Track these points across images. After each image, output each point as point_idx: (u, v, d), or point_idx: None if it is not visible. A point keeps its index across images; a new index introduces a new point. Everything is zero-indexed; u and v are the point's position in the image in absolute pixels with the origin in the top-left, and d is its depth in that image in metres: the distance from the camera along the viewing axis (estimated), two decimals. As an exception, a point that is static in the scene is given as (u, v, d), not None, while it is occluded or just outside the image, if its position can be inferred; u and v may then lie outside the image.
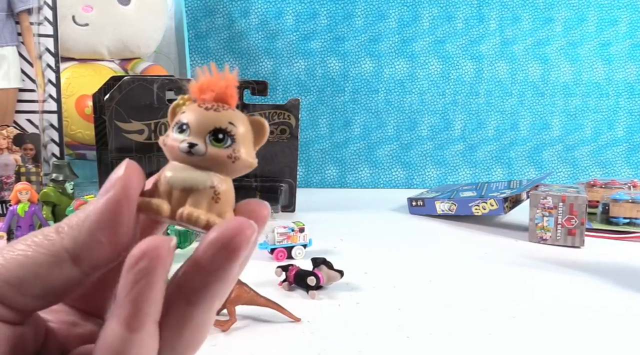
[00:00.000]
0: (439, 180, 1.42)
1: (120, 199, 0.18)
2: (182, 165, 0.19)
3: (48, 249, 0.17)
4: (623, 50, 1.41)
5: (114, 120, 0.84)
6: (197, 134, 0.19)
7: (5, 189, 0.81)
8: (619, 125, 1.44)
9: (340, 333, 0.48)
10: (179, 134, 0.19)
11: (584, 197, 0.80)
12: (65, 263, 0.17)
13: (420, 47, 1.40)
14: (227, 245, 0.17)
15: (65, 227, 0.18)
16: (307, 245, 0.71)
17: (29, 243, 0.18)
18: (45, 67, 0.89)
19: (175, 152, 0.19)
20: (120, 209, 0.18)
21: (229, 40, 1.36)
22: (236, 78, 0.20)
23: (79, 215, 0.18)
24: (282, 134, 0.98)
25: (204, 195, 0.19)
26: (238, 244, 0.17)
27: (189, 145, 0.19)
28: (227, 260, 0.17)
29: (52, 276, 0.17)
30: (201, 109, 0.19)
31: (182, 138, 0.19)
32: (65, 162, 0.72)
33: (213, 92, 0.19)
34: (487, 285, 0.62)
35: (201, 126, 0.19)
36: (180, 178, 0.19)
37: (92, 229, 0.18)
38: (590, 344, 0.47)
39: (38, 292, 0.17)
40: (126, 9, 1.08)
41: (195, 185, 0.19)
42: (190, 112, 0.19)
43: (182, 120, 0.19)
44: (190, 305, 0.18)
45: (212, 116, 0.19)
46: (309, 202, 1.11)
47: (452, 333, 0.48)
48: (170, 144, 0.19)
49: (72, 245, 0.17)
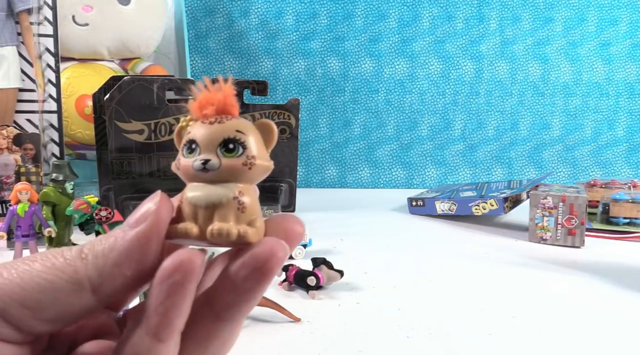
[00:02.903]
0: (439, 180, 1.42)
1: (151, 234, 0.18)
2: (201, 184, 0.19)
3: (70, 276, 0.17)
4: (623, 50, 1.41)
5: (114, 120, 0.84)
6: (208, 149, 0.19)
7: (5, 189, 0.81)
8: (619, 125, 1.44)
9: (340, 333, 0.48)
10: (189, 154, 0.19)
11: (584, 197, 0.80)
12: (85, 292, 0.17)
13: (420, 47, 1.40)
14: (260, 267, 0.18)
15: (89, 255, 0.17)
16: (307, 245, 0.71)
17: (48, 266, 0.17)
18: (45, 67, 0.89)
19: (190, 173, 0.19)
20: (150, 244, 0.17)
21: (229, 40, 1.36)
22: (232, 87, 0.19)
23: (104, 244, 0.18)
24: (282, 134, 0.98)
25: (229, 208, 0.19)
26: (271, 267, 0.18)
27: (203, 162, 0.19)
28: (259, 282, 0.18)
29: (69, 303, 0.17)
30: (205, 124, 0.19)
31: (194, 157, 0.19)
32: (65, 162, 0.72)
33: (213, 105, 0.19)
34: (487, 285, 0.62)
35: (210, 140, 0.19)
36: (202, 196, 0.19)
37: (119, 262, 0.17)
38: (590, 344, 0.47)
39: (51, 317, 0.17)
40: (126, 9, 1.08)
41: (218, 200, 0.19)
42: (195, 130, 0.19)
43: (189, 139, 0.19)
44: (219, 320, 0.18)
45: (218, 128, 0.19)
46: (309, 202, 1.11)
47: (452, 333, 0.48)
48: (183, 166, 0.19)
49: (95, 275, 0.17)
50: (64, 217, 0.68)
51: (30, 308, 0.16)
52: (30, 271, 0.17)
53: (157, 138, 0.87)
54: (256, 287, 0.18)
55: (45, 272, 0.17)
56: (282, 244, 0.18)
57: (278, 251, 0.18)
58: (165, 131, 0.87)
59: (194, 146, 0.19)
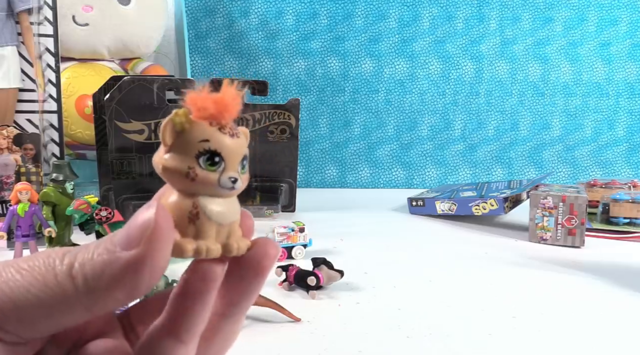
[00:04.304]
0: (439, 180, 1.42)
1: (147, 261, 0.16)
2: (219, 199, 0.18)
3: (60, 296, 0.16)
4: (623, 50, 1.41)
5: (114, 120, 0.84)
6: (233, 167, 0.18)
7: (5, 189, 0.81)
8: (619, 125, 1.44)
9: (340, 333, 0.48)
10: (210, 167, 0.17)
11: (584, 197, 0.80)
12: (77, 310, 0.16)
13: (420, 47, 1.40)
14: (256, 267, 0.19)
15: (79, 275, 0.16)
16: (307, 245, 0.71)
17: (39, 279, 0.16)
18: (45, 67, 0.89)
19: (213, 188, 0.18)
20: (144, 271, 0.16)
21: (229, 40, 1.36)
22: (240, 93, 0.18)
23: (94, 263, 0.16)
24: (282, 134, 0.98)
25: (237, 223, 0.19)
26: (266, 265, 0.19)
27: (233, 180, 0.18)
28: (256, 280, 0.19)
29: (63, 318, 0.17)
30: (226, 135, 0.18)
31: (218, 172, 0.18)
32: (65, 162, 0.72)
33: (231, 114, 0.18)
34: (487, 285, 0.62)
35: (235, 157, 0.18)
36: (227, 214, 0.18)
37: (110, 288, 0.16)
38: (590, 343, 0.47)
39: (46, 329, 0.17)
40: (126, 9, 1.08)
41: (236, 216, 0.19)
42: (219, 141, 0.18)
43: (213, 150, 0.18)
44: (221, 317, 0.20)
45: (240, 144, 0.18)
46: (309, 202, 1.11)
47: (452, 333, 0.48)
48: (204, 179, 0.17)
49: (85, 298, 0.16)
50: (64, 217, 0.68)
51: (23, 321, 0.16)
52: (21, 285, 0.16)
53: (157, 138, 0.87)
54: (253, 286, 0.19)
55: (37, 288, 0.16)
56: (275, 244, 0.19)
57: (270, 251, 0.19)
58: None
59: (217, 159, 0.18)
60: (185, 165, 0.17)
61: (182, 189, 0.18)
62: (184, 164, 0.17)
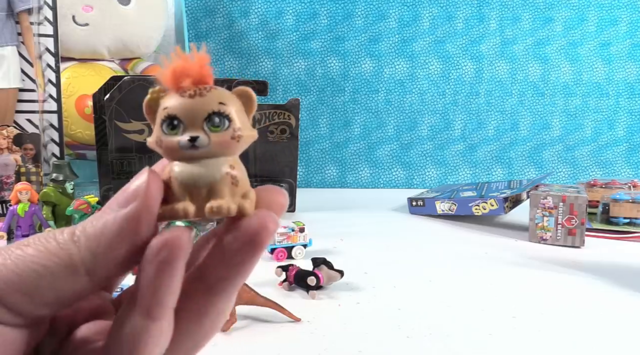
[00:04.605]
0: (439, 180, 1.42)
1: (142, 214, 0.17)
2: (189, 162, 0.18)
3: (64, 261, 0.17)
4: (623, 50, 1.41)
5: (114, 120, 0.84)
6: (193, 125, 0.18)
7: (6, 189, 0.81)
8: (619, 125, 1.44)
9: (340, 333, 0.48)
10: (171, 131, 0.18)
11: (584, 197, 0.80)
12: (80, 275, 0.17)
13: (420, 47, 1.40)
14: (252, 240, 0.18)
15: (81, 238, 0.17)
16: (307, 245, 0.71)
17: (42, 250, 0.17)
18: (45, 67, 0.89)
19: (177, 151, 0.18)
20: (141, 223, 0.17)
21: (229, 40, 1.36)
22: (206, 56, 0.18)
23: (95, 225, 0.17)
24: (282, 134, 0.98)
25: (223, 184, 0.18)
26: (263, 239, 0.18)
27: (191, 139, 0.18)
28: (251, 254, 0.18)
29: (65, 287, 0.17)
30: (185, 97, 0.18)
31: (178, 135, 0.18)
32: (65, 162, 0.72)
33: (189, 76, 0.18)
34: (487, 285, 0.62)
35: (194, 116, 0.18)
36: (195, 175, 0.18)
37: (111, 244, 0.17)
38: (590, 343, 0.47)
39: (48, 301, 0.17)
40: (126, 9, 1.08)
41: (213, 177, 0.18)
42: (174, 104, 0.18)
43: (169, 114, 0.18)
44: (211, 294, 0.18)
45: (200, 102, 0.18)
46: (309, 202, 1.11)
47: (452, 333, 0.48)
48: (167, 144, 0.18)
49: (89, 258, 0.17)
50: (64, 217, 0.68)
51: (28, 294, 0.16)
52: (24, 257, 0.17)
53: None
54: (248, 259, 0.18)
55: (40, 257, 0.16)
56: (273, 216, 0.18)
57: (269, 223, 0.18)
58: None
59: (176, 122, 0.18)
60: (156, 136, 0.18)
61: (166, 158, 0.19)
62: (156, 136, 0.18)
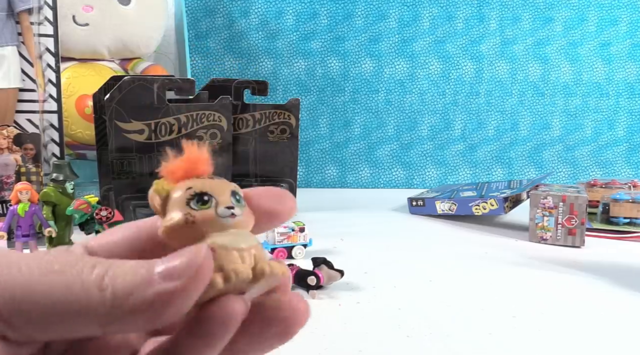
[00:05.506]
0: (439, 180, 1.42)
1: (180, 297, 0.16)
2: (225, 232, 0.18)
3: (83, 307, 0.16)
4: (623, 50, 1.41)
5: (114, 120, 0.84)
6: (224, 198, 0.19)
7: (6, 189, 0.81)
8: (619, 125, 1.44)
9: (340, 333, 0.48)
10: (202, 206, 0.18)
11: (584, 197, 0.80)
12: (93, 325, 0.16)
13: (420, 47, 1.40)
14: (286, 333, 0.19)
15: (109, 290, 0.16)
16: (308, 245, 0.71)
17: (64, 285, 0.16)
18: (45, 67, 0.89)
19: (215, 222, 0.18)
20: (174, 303, 0.16)
21: (229, 40, 1.36)
22: (205, 150, 0.19)
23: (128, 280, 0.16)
24: (282, 134, 0.98)
25: (258, 249, 0.19)
26: (296, 331, 0.19)
27: (229, 207, 0.18)
28: (281, 342, 0.19)
29: (74, 328, 0.16)
30: (206, 179, 0.19)
31: (211, 207, 0.18)
32: (66, 162, 0.72)
33: (200, 165, 0.19)
34: (487, 285, 0.62)
35: (223, 192, 0.19)
36: (241, 240, 0.18)
37: (135, 311, 0.16)
38: (590, 343, 0.47)
39: (52, 335, 0.16)
40: (126, 9, 1.08)
41: (253, 243, 0.19)
42: (199, 184, 0.19)
43: (201, 191, 0.18)
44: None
45: (221, 182, 0.19)
46: (309, 202, 1.11)
47: (452, 333, 0.48)
48: (203, 217, 0.18)
49: (107, 316, 0.16)
50: (64, 217, 0.68)
51: (37, 322, 0.16)
52: (45, 286, 0.16)
53: (157, 138, 0.87)
54: (276, 345, 0.19)
55: (61, 293, 0.15)
56: (309, 309, 0.19)
57: (304, 317, 0.18)
58: (165, 131, 0.87)
59: (206, 198, 0.18)
60: (181, 215, 0.18)
61: (191, 238, 0.18)
62: (180, 216, 0.18)
